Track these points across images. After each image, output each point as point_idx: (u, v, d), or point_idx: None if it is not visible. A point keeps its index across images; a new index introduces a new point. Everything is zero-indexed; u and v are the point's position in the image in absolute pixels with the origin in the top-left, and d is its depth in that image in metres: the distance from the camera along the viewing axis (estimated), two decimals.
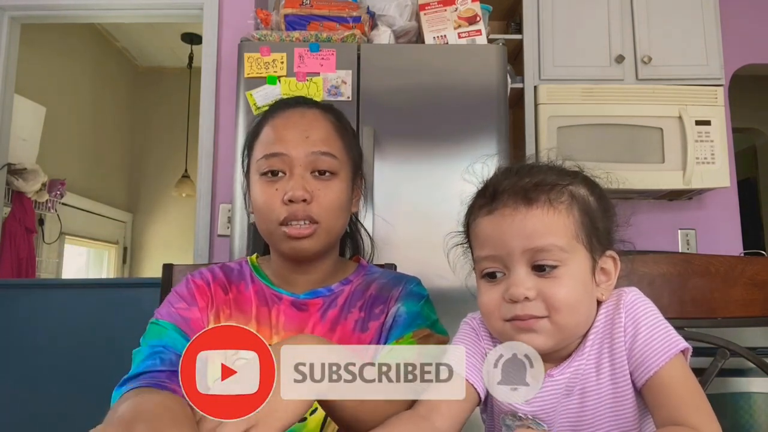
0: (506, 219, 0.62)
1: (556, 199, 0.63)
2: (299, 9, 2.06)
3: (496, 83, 1.94)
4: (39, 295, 2.20)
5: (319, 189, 0.85)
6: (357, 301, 0.89)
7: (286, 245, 0.85)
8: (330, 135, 0.89)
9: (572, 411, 0.63)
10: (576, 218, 0.63)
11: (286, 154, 0.85)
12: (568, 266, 0.61)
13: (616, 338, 0.62)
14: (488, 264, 0.64)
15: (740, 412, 1.56)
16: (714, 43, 2.42)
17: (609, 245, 0.66)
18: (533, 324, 0.61)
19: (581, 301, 0.62)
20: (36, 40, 3.51)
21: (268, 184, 0.86)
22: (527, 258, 0.61)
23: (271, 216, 0.85)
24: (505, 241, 0.62)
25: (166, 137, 5.01)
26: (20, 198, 3.24)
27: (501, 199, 0.64)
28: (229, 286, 0.90)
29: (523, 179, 0.64)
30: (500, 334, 0.64)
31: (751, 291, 0.92)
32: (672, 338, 0.61)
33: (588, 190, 0.66)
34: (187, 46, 4.58)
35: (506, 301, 0.62)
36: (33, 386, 2.07)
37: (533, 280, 0.61)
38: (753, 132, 4.15)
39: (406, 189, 1.87)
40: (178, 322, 0.84)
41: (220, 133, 2.51)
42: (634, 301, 0.64)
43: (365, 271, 0.95)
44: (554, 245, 0.61)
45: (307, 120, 0.89)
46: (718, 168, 2.33)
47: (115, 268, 4.87)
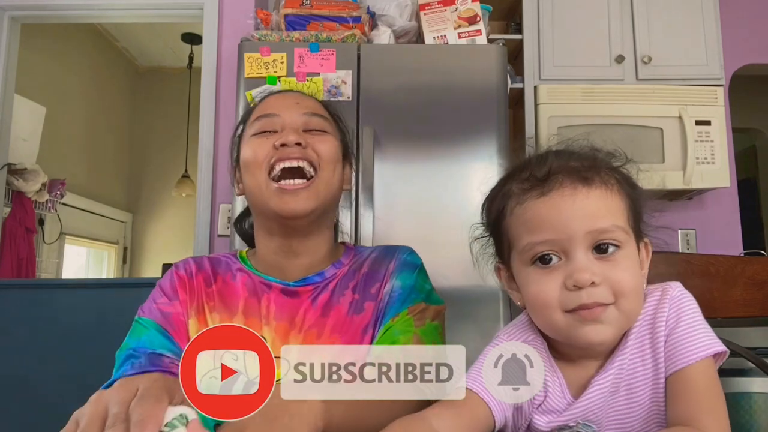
0: (566, 200, 0.58)
1: (608, 180, 0.60)
2: (299, 9, 2.06)
3: (496, 83, 1.94)
4: (39, 295, 2.20)
5: (313, 138, 0.85)
6: (349, 282, 0.86)
7: (278, 202, 0.81)
8: (319, 107, 0.91)
9: (620, 408, 0.61)
10: (626, 202, 0.61)
11: (278, 115, 0.85)
12: (626, 249, 0.59)
13: (658, 329, 0.60)
14: (543, 248, 0.59)
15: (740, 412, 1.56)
16: (714, 43, 2.42)
17: (643, 233, 0.64)
18: (600, 314, 0.57)
19: (641, 287, 0.61)
20: (36, 40, 3.51)
21: (259, 139, 0.84)
22: (589, 240, 0.58)
23: (259, 163, 0.82)
24: (565, 223, 0.58)
25: (166, 137, 5.01)
26: (20, 198, 3.24)
27: (556, 180, 0.59)
28: (215, 277, 0.87)
29: (570, 161, 0.61)
30: (559, 329, 0.59)
31: (751, 291, 0.92)
32: (709, 339, 0.59)
33: (625, 176, 0.64)
34: (187, 46, 4.58)
35: (568, 289, 0.57)
36: (33, 386, 2.07)
37: (597, 264, 0.57)
38: (753, 132, 4.15)
39: (406, 189, 1.87)
40: (158, 319, 0.83)
41: (220, 133, 2.51)
42: (680, 296, 0.61)
43: (355, 251, 0.93)
44: (616, 226, 0.58)
45: (298, 94, 0.91)
46: (718, 168, 2.33)
47: (115, 268, 4.87)
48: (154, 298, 0.86)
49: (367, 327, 0.82)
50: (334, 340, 0.81)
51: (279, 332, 0.81)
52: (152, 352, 0.79)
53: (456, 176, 1.88)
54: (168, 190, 4.85)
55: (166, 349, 0.80)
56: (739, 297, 0.93)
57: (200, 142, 2.51)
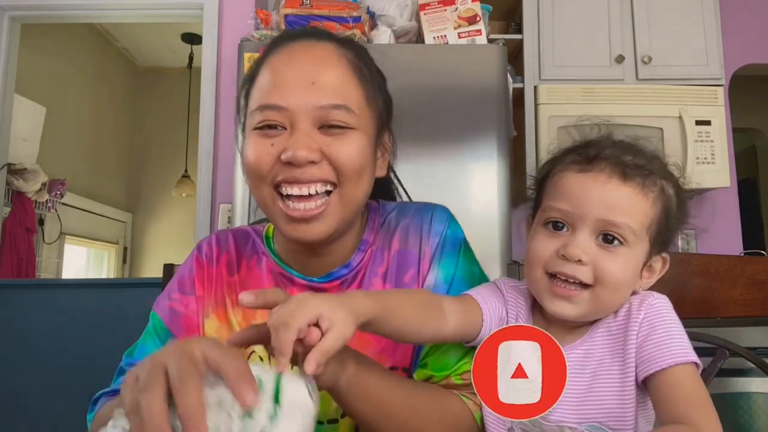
0: (597, 184, 0.63)
1: (649, 186, 0.63)
2: (299, 9, 2.06)
3: (496, 83, 1.94)
4: (39, 295, 2.20)
5: (330, 144, 0.65)
6: (378, 267, 0.74)
7: (288, 229, 0.67)
8: (345, 80, 0.68)
9: (580, 389, 0.63)
10: (657, 213, 0.64)
11: (285, 107, 0.65)
12: (630, 249, 0.63)
13: (630, 331, 0.63)
14: (556, 215, 0.64)
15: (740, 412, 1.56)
16: (714, 43, 2.42)
17: (666, 248, 0.68)
18: (573, 295, 0.62)
19: (626, 286, 0.64)
20: (36, 40, 3.51)
21: (262, 138, 0.67)
22: (597, 226, 0.62)
23: (262, 177, 0.66)
24: (584, 203, 0.62)
25: (166, 137, 5.01)
26: (20, 198, 3.24)
27: (599, 165, 0.64)
28: (239, 263, 0.76)
29: (626, 155, 0.65)
30: (535, 284, 0.66)
31: (750, 291, 0.92)
32: (686, 348, 0.61)
33: (675, 192, 0.67)
34: (187, 46, 4.58)
35: (558, 257, 0.63)
36: (33, 386, 2.07)
37: (593, 247, 0.62)
38: (753, 132, 4.15)
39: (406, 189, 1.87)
40: (166, 319, 0.75)
41: (220, 133, 2.51)
42: (660, 305, 0.64)
43: (378, 218, 0.77)
44: (628, 225, 0.62)
45: (315, 59, 0.68)
46: (718, 168, 2.33)
47: (115, 268, 4.87)
48: (169, 289, 0.78)
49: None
50: (365, 342, 0.69)
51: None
52: None
53: (456, 176, 1.88)
54: (168, 190, 4.85)
55: None
56: (739, 297, 0.92)
57: (200, 142, 2.51)
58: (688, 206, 0.69)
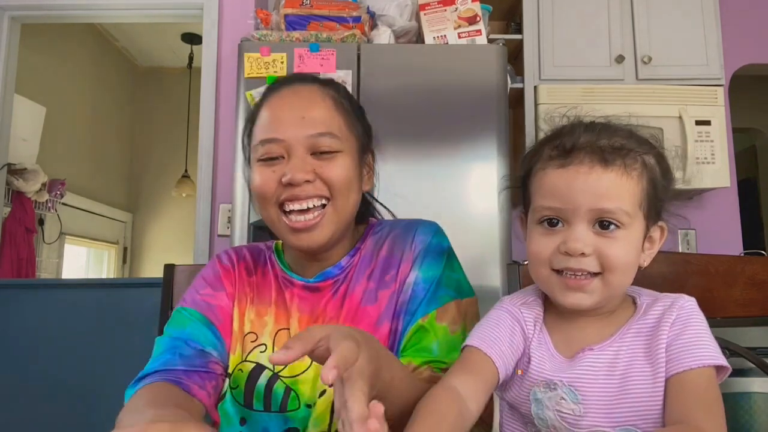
0: (580, 176, 0.63)
1: (630, 165, 0.64)
2: (299, 9, 2.06)
3: (496, 83, 1.94)
4: (39, 295, 2.20)
5: (322, 166, 0.79)
6: (365, 269, 0.84)
7: (292, 239, 0.80)
8: (329, 113, 0.83)
9: (612, 391, 0.62)
10: (644, 188, 0.65)
11: (282, 139, 0.79)
12: (627, 230, 0.63)
13: (661, 332, 0.63)
14: (549, 213, 0.65)
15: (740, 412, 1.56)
16: (714, 43, 2.42)
17: (661, 215, 0.68)
18: (585, 284, 0.63)
19: (632, 264, 0.65)
20: (36, 40, 3.51)
21: (265, 167, 0.80)
22: (591, 216, 0.63)
23: (267, 199, 0.80)
24: (573, 198, 0.63)
25: (166, 137, 5.02)
26: (20, 198, 3.24)
27: (577, 156, 0.64)
28: (255, 268, 0.88)
29: (601, 138, 0.65)
30: (544, 282, 0.66)
31: (751, 291, 0.92)
32: (715, 351, 0.61)
33: (656, 161, 0.68)
34: (187, 46, 4.58)
35: (560, 253, 0.63)
36: (33, 386, 2.07)
37: (592, 237, 0.62)
38: (753, 132, 4.15)
39: (406, 189, 1.87)
40: (203, 310, 0.83)
41: (220, 133, 2.51)
42: (692, 308, 0.64)
43: (374, 230, 0.89)
44: (621, 209, 0.62)
45: (303, 99, 0.83)
46: (718, 168, 2.33)
47: (115, 268, 4.87)
48: (196, 288, 0.86)
49: (380, 318, 0.80)
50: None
51: (302, 324, 0.82)
52: (201, 348, 0.79)
53: (456, 176, 1.88)
54: (168, 190, 4.85)
55: (212, 346, 0.81)
56: (739, 297, 0.92)
57: (200, 142, 2.51)
58: (671, 170, 0.69)
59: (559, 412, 0.63)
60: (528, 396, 0.65)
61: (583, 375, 0.63)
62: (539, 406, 0.64)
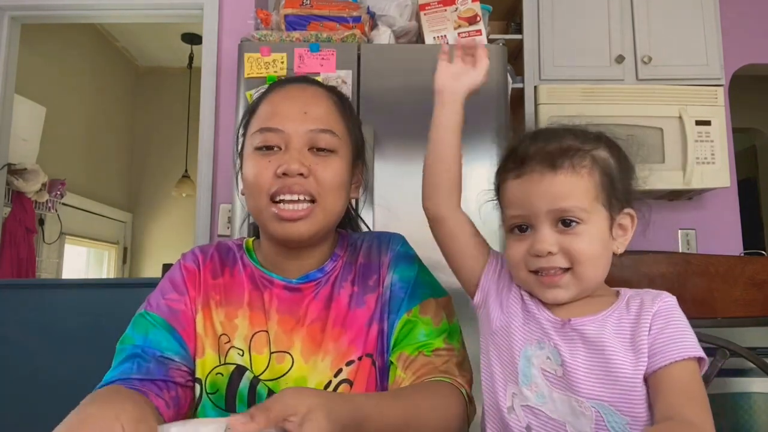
0: (534, 184, 0.69)
1: (578, 164, 0.69)
2: (299, 9, 2.06)
3: (496, 83, 1.94)
4: (39, 295, 2.20)
5: (317, 164, 0.80)
6: (348, 275, 0.86)
7: (277, 227, 0.80)
8: (330, 113, 0.84)
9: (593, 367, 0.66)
10: (597, 180, 0.69)
11: (282, 130, 0.80)
12: (588, 224, 0.68)
13: (643, 323, 0.66)
14: (516, 221, 0.71)
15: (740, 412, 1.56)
16: (714, 43, 2.42)
17: (627, 203, 0.72)
18: (558, 280, 0.68)
19: (600, 255, 0.69)
20: (36, 40, 3.51)
21: (261, 157, 0.81)
22: (552, 217, 0.68)
23: (260, 189, 0.79)
24: (531, 203, 0.69)
25: (166, 137, 5.01)
26: (20, 198, 3.24)
27: (529, 165, 0.70)
28: (222, 269, 0.86)
29: (549, 144, 0.70)
30: (525, 283, 0.73)
31: (751, 291, 0.92)
32: (695, 343, 0.64)
33: (609, 152, 0.72)
34: (187, 46, 4.58)
35: (531, 255, 0.69)
36: (33, 386, 2.07)
37: (555, 236, 0.68)
38: (753, 132, 4.15)
39: (406, 189, 1.87)
40: (166, 316, 0.82)
41: (220, 133, 2.51)
42: (672, 304, 0.68)
43: (347, 240, 0.91)
44: (576, 206, 0.67)
45: (307, 95, 0.84)
46: (718, 168, 2.33)
47: (115, 268, 4.87)
48: (162, 292, 0.85)
49: (370, 320, 0.83)
50: (337, 333, 0.81)
51: (283, 325, 0.81)
52: (161, 355, 0.79)
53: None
54: (168, 190, 4.85)
55: (174, 352, 0.80)
56: (739, 297, 0.93)
57: (200, 142, 2.51)
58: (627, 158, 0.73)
59: (543, 369, 0.68)
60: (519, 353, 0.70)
61: (564, 342, 0.68)
62: (527, 363, 0.69)
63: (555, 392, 0.67)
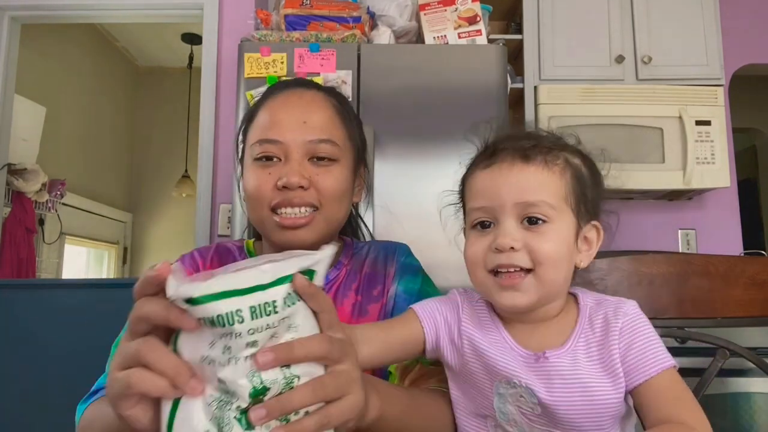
0: (503, 173, 0.66)
1: (551, 161, 0.66)
2: (299, 9, 2.06)
3: (496, 83, 1.94)
4: (39, 295, 2.20)
5: (318, 174, 0.80)
6: (352, 284, 0.85)
7: (279, 236, 0.79)
8: (330, 120, 0.83)
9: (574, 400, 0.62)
10: (568, 182, 0.66)
11: (281, 141, 0.79)
12: (555, 224, 0.64)
13: (611, 339, 0.63)
14: (479, 214, 0.67)
15: (740, 412, 1.56)
16: (714, 43, 2.42)
17: (595, 215, 0.69)
18: (517, 282, 0.63)
19: (564, 259, 0.65)
20: (36, 40, 3.51)
21: (261, 168, 0.80)
22: (517, 211, 0.64)
23: (261, 201, 0.79)
24: (498, 194, 0.65)
25: (166, 137, 5.01)
26: (20, 198, 3.24)
27: (499, 156, 0.67)
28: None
29: (522, 140, 0.68)
30: (481, 285, 0.67)
31: (751, 291, 0.92)
32: (664, 353, 0.62)
33: (581, 161, 0.69)
34: (187, 46, 4.58)
35: (492, 251, 0.64)
36: (33, 386, 2.07)
37: (521, 232, 0.64)
38: (753, 132, 4.15)
39: (406, 189, 1.87)
40: None
41: (220, 133, 2.51)
42: (635, 314, 0.65)
43: (353, 249, 0.91)
44: (544, 202, 0.64)
45: (306, 102, 0.83)
46: (718, 168, 2.33)
47: (115, 268, 4.87)
48: None
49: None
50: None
51: None
52: None
53: (456, 176, 1.88)
54: (168, 190, 4.85)
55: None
56: (739, 297, 0.92)
57: (200, 142, 2.51)
58: (599, 170, 0.70)
59: (519, 407, 0.64)
60: (490, 389, 0.66)
61: (540, 380, 0.63)
62: (502, 400, 0.65)
63: (536, 428, 0.64)
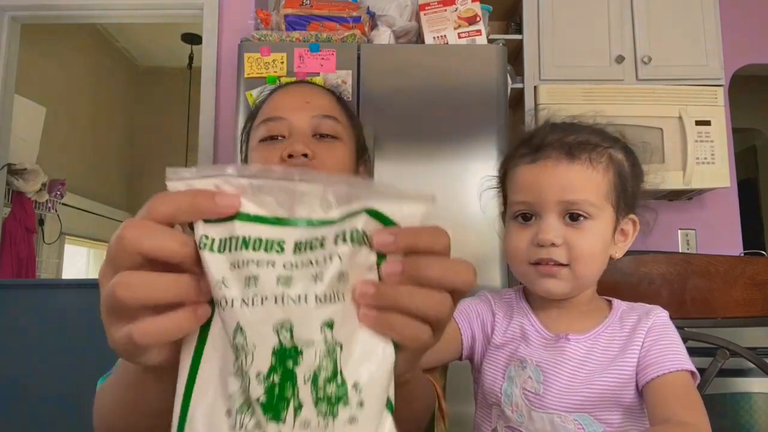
0: (547, 170, 0.67)
1: (596, 159, 0.67)
2: (299, 9, 2.06)
3: (496, 83, 1.94)
4: (39, 295, 2.20)
5: (322, 149, 0.80)
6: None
7: None
8: (332, 104, 0.86)
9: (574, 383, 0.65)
10: (610, 180, 0.68)
11: (285, 119, 0.81)
12: (595, 221, 0.66)
13: (636, 338, 0.65)
14: (522, 207, 0.69)
15: (740, 412, 1.56)
16: (714, 43, 2.42)
17: (633, 208, 0.71)
18: (556, 271, 0.66)
19: (599, 255, 0.68)
20: (36, 40, 3.50)
21: (266, 147, 0.81)
22: (560, 208, 0.66)
23: None
24: (542, 190, 0.66)
25: (166, 137, 5.01)
26: (20, 198, 3.24)
27: (545, 152, 0.68)
28: None
29: (568, 136, 0.68)
30: (522, 276, 0.70)
31: (751, 291, 0.92)
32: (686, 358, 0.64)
33: (624, 156, 0.71)
34: (187, 46, 4.57)
35: (533, 245, 0.67)
36: (33, 386, 2.07)
37: (562, 228, 0.66)
38: (753, 132, 4.15)
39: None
40: None
41: (220, 133, 2.51)
42: (665, 319, 0.68)
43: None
44: (587, 200, 0.66)
45: (308, 89, 0.87)
46: (718, 168, 2.33)
47: None
48: None
49: None
50: None
51: None
52: None
53: (456, 176, 1.88)
54: None
55: None
56: (739, 297, 0.92)
57: (200, 142, 2.51)
58: (640, 164, 0.72)
59: (524, 389, 0.66)
60: (503, 374, 0.69)
61: (552, 359, 0.66)
62: (510, 383, 0.68)
63: (534, 412, 0.66)
